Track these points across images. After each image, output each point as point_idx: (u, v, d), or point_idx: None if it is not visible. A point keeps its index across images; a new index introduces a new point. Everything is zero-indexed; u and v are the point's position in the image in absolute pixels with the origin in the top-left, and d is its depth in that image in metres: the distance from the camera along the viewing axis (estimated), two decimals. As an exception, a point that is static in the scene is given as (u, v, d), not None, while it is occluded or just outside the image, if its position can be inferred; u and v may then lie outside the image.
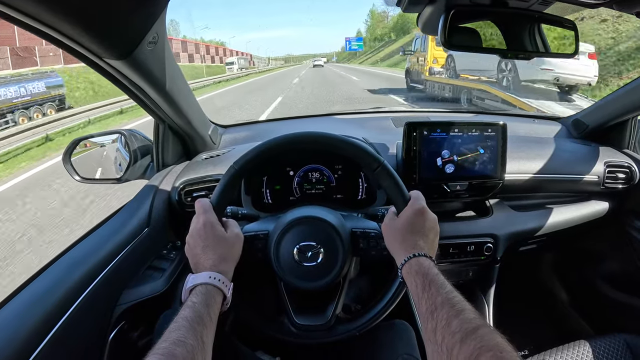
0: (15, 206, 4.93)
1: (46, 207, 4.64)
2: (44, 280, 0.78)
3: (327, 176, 1.11)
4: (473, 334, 0.52)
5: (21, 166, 7.27)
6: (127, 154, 1.20)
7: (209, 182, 1.09)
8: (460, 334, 0.53)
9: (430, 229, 0.76)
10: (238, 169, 0.81)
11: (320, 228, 0.83)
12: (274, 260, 0.83)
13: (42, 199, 5.05)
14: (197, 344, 0.58)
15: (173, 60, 0.97)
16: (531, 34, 0.97)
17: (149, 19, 0.78)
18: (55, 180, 5.71)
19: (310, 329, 0.85)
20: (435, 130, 1.07)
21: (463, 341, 0.52)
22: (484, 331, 0.53)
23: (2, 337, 0.65)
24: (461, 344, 0.52)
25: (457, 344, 0.52)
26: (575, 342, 1.07)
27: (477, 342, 0.51)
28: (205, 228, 0.75)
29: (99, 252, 0.87)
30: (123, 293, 0.90)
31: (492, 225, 1.17)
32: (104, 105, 12.18)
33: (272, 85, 19.09)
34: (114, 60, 0.80)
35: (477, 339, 0.51)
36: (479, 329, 0.53)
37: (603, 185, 1.25)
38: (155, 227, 1.03)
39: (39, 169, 6.83)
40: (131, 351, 0.93)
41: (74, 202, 4.61)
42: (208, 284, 0.69)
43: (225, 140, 1.42)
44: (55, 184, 5.51)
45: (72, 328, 0.74)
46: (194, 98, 1.17)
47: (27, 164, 7.32)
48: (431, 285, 0.64)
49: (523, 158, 1.21)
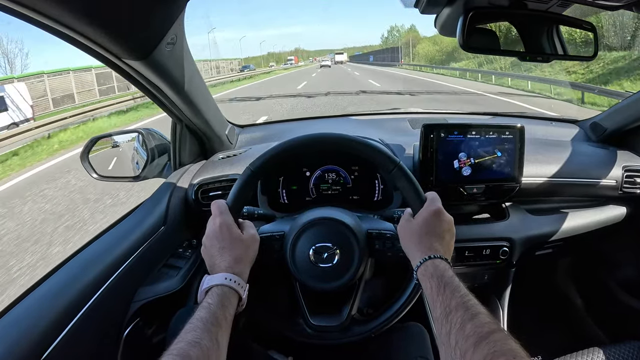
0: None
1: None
2: (62, 276, 0.80)
3: (343, 177, 1.11)
4: (487, 339, 0.52)
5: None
6: (145, 153, 1.21)
7: (225, 181, 1.10)
8: (474, 338, 0.53)
9: (446, 231, 0.75)
10: (254, 170, 0.81)
11: (336, 229, 0.84)
12: (289, 261, 0.83)
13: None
14: (212, 345, 0.58)
15: (191, 60, 0.98)
16: (549, 36, 0.96)
17: (167, 20, 0.79)
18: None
19: (325, 329, 0.86)
20: (452, 133, 1.06)
21: (477, 345, 0.52)
22: (498, 336, 0.52)
23: (19, 330, 0.66)
24: (475, 348, 0.52)
25: (471, 348, 0.52)
26: (590, 348, 1.05)
27: (490, 347, 0.51)
28: (222, 229, 0.76)
29: (117, 249, 0.89)
30: (139, 290, 0.92)
31: (508, 228, 1.16)
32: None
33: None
34: (133, 61, 0.81)
35: (491, 343, 0.51)
36: (493, 333, 0.53)
37: (621, 190, 1.23)
38: (172, 226, 1.04)
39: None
40: (145, 347, 0.94)
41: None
42: (224, 286, 0.69)
43: (242, 140, 1.43)
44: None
45: (88, 323, 0.75)
46: (211, 98, 1.18)
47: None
48: (446, 288, 0.64)
49: (540, 161, 1.19)
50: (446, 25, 0.90)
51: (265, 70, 46.41)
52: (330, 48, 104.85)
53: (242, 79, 27.32)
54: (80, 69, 19.18)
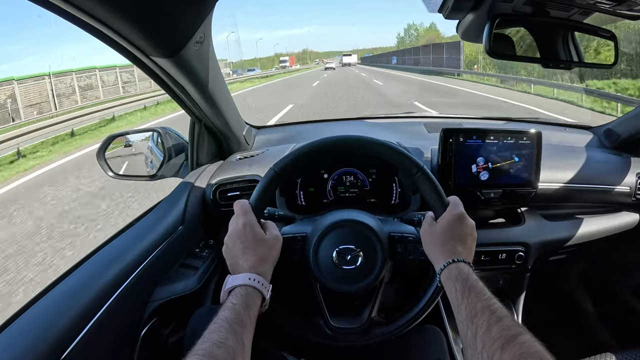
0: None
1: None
2: (80, 275, 0.80)
3: (361, 180, 1.12)
4: (513, 341, 0.52)
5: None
6: (161, 152, 1.21)
7: (243, 182, 1.10)
8: (501, 341, 0.53)
9: (468, 235, 0.76)
10: (278, 170, 0.81)
11: (360, 231, 0.84)
12: (312, 262, 0.84)
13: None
14: (237, 345, 0.58)
15: (215, 61, 0.98)
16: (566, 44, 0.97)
17: (197, 18, 0.79)
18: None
19: (345, 331, 0.86)
20: (471, 137, 1.07)
21: (504, 348, 0.52)
22: (525, 338, 0.53)
23: (38, 330, 0.66)
24: (502, 350, 0.52)
25: (498, 351, 0.52)
26: (601, 354, 1.05)
27: (517, 349, 0.51)
28: (245, 229, 0.75)
29: (135, 248, 0.89)
30: (156, 290, 0.92)
31: (524, 233, 1.16)
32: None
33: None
34: (160, 59, 0.81)
35: (517, 345, 0.52)
36: (520, 335, 0.53)
37: (634, 197, 1.23)
38: (189, 226, 1.04)
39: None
40: (162, 347, 0.94)
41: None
42: (248, 286, 0.69)
43: (259, 141, 1.44)
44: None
45: (106, 323, 0.75)
46: (231, 98, 1.18)
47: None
48: (471, 291, 0.64)
49: (555, 167, 1.20)
50: (469, 31, 0.91)
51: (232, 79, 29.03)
52: (340, 50, 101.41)
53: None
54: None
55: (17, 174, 7.14)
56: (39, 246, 3.82)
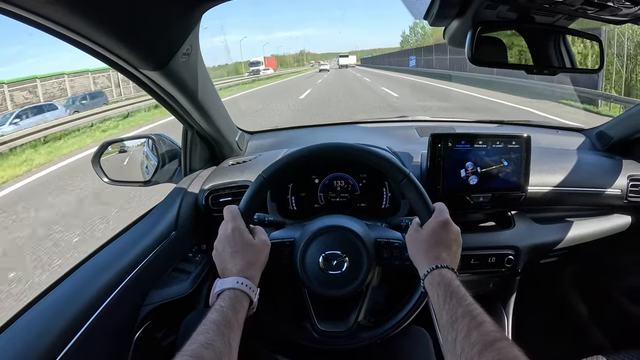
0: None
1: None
2: (74, 281, 0.81)
3: (351, 185, 1.13)
4: (492, 346, 0.53)
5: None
6: (155, 158, 1.23)
7: (235, 187, 1.12)
8: (479, 346, 0.54)
9: (453, 241, 0.77)
10: (267, 177, 0.83)
11: (346, 237, 0.85)
12: (299, 267, 0.85)
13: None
14: (224, 347, 0.59)
15: (204, 69, 1.00)
16: (556, 48, 0.97)
17: (184, 32, 0.81)
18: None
19: (332, 335, 0.87)
20: (459, 142, 1.08)
21: (481, 353, 0.53)
22: (503, 344, 0.54)
23: (31, 336, 0.67)
24: (479, 355, 0.53)
25: (476, 356, 0.53)
26: (594, 356, 1.05)
27: (495, 355, 0.52)
28: (234, 234, 0.77)
29: (129, 253, 0.90)
30: (149, 294, 0.93)
31: (514, 237, 1.17)
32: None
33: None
34: (150, 71, 0.83)
35: (495, 351, 0.53)
36: (498, 341, 0.54)
37: (626, 199, 1.23)
38: (182, 231, 1.05)
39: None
40: (155, 350, 0.96)
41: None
42: (236, 289, 0.70)
43: (251, 146, 1.45)
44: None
45: (100, 327, 0.76)
46: (222, 105, 1.20)
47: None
48: (453, 296, 0.65)
49: (545, 170, 1.20)
50: (454, 38, 0.92)
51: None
52: (338, 51, 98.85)
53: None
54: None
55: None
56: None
